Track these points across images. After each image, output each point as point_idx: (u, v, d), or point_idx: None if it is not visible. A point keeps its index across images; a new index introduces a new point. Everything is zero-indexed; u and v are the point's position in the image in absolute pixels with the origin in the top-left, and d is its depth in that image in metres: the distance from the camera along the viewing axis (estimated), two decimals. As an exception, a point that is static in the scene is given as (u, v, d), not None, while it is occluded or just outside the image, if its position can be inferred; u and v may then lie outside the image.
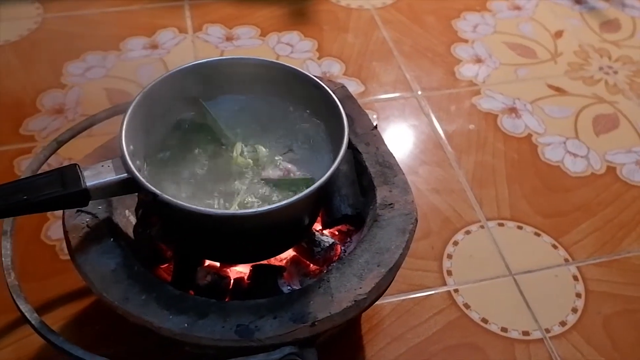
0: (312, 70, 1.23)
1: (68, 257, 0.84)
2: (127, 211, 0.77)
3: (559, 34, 1.37)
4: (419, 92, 1.21)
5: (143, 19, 1.35)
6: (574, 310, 0.88)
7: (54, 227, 0.94)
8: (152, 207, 0.75)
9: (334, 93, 0.70)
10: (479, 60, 1.29)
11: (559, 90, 1.23)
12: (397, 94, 1.20)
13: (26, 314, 0.67)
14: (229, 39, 1.31)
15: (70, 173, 0.62)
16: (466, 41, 1.33)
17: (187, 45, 1.29)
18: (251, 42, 1.31)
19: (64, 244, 0.90)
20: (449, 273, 0.91)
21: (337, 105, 0.69)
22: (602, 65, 1.29)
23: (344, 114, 0.68)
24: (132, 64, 1.24)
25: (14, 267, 0.72)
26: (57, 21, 1.34)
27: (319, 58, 1.27)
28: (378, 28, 1.35)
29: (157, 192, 0.60)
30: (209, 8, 1.39)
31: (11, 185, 0.61)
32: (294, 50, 1.29)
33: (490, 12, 1.42)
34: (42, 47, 1.28)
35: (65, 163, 1.01)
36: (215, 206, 0.66)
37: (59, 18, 1.35)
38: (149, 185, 0.61)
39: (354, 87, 1.20)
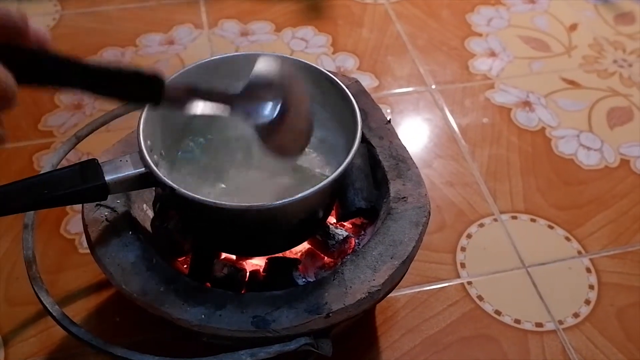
0: (327, 65, 1.24)
1: (87, 251, 0.86)
2: (144, 205, 0.78)
3: (573, 27, 1.36)
4: (433, 86, 1.21)
5: (159, 15, 1.36)
6: (587, 302, 0.88)
7: (73, 221, 0.96)
8: (170, 201, 0.76)
9: (347, 88, 0.71)
10: (493, 54, 1.29)
11: (573, 83, 1.23)
12: (411, 88, 1.21)
13: (48, 306, 0.68)
14: (244, 34, 1.32)
15: (90, 168, 0.63)
16: (480, 35, 1.33)
17: (203, 41, 1.30)
18: (266, 38, 1.31)
19: (83, 238, 0.92)
20: (463, 265, 0.92)
21: (351, 100, 0.69)
22: (617, 58, 1.28)
23: (358, 109, 0.68)
24: (149, 59, 1.25)
25: (35, 260, 0.73)
26: (74, 18, 1.36)
27: (333, 53, 1.27)
28: (392, 22, 1.36)
29: (174, 186, 0.61)
30: (224, 4, 1.40)
31: (33, 180, 0.62)
32: (308, 45, 1.30)
33: (505, 6, 1.41)
34: (60, 43, 1.28)
35: (84, 157, 1.03)
36: (230, 200, 0.67)
37: (76, 15, 1.37)
38: (166, 180, 0.62)
39: (368, 82, 1.21)
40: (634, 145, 1.10)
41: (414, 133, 1.12)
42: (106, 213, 0.72)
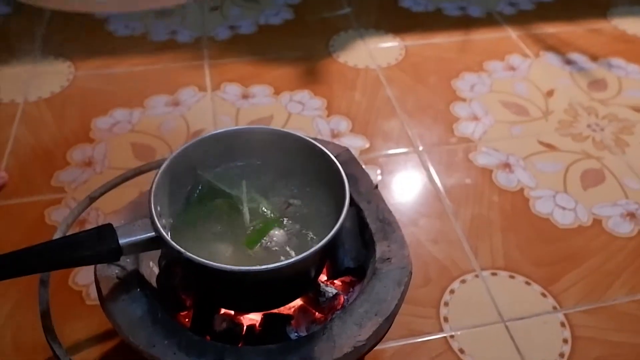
0: (321, 127, 1.31)
1: (94, 302, 0.91)
2: (151, 262, 0.84)
3: (550, 93, 1.44)
4: (420, 148, 1.28)
5: (166, 77, 1.44)
6: (561, 355, 0.93)
7: (81, 274, 1.01)
8: (176, 261, 0.82)
9: (338, 156, 0.78)
10: (475, 118, 1.36)
11: (549, 146, 1.30)
12: (399, 150, 1.27)
13: (60, 357, 0.74)
14: (244, 96, 1.39)
15: (106, 232, 0.70)
16: (464, 100, 1.41)
17: (206, 103, 1.37)
18: (265, 100, 1.39)
19: (91, 290, 0.97)
20: (446, 319, 0.97)
21: (340, 172, 0.76)
22: (590, 122, 1.36)
23: (346, 180, 0.75)
24: (155, 120, 1.32)
25: (50, 314, 0.79)
26: (87, 79, 1.44)
27: (327, 116, 1.35)
28: (383, 87, 1.43)
29: (182, 250, 0.67)
30: (227, 67, 1.48)
31: (55, 243, 0.69)
32: (304, 108, 1.37)
33: (487, 73, 1.50)
34: (72, 103, 1.37)
35: (92, 212, 1.09)
36: (231, 262, 0.73)
37: (88, 76, 1.45)
38: (174, 244, 0.68)
39: (360, 144, 1.28)
40: (606, 205, 1.17)
41: (402, 192, 1.18)
42: (117, 271, 0.78)
